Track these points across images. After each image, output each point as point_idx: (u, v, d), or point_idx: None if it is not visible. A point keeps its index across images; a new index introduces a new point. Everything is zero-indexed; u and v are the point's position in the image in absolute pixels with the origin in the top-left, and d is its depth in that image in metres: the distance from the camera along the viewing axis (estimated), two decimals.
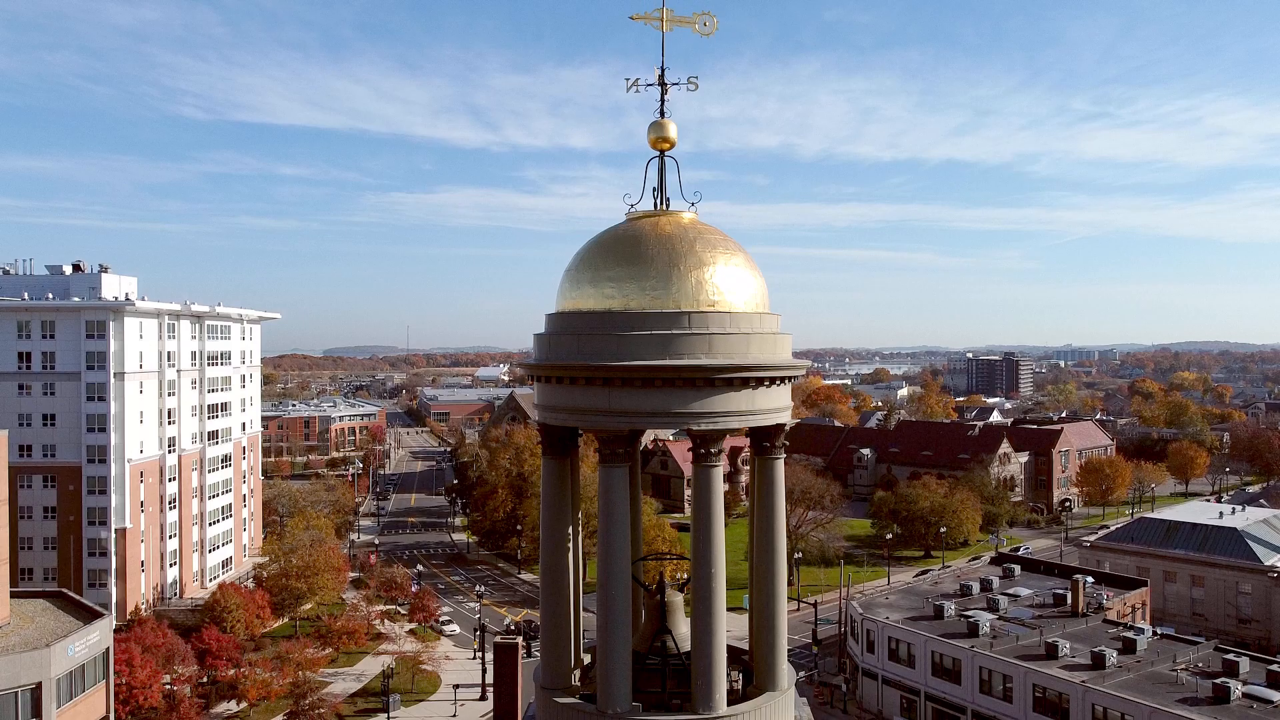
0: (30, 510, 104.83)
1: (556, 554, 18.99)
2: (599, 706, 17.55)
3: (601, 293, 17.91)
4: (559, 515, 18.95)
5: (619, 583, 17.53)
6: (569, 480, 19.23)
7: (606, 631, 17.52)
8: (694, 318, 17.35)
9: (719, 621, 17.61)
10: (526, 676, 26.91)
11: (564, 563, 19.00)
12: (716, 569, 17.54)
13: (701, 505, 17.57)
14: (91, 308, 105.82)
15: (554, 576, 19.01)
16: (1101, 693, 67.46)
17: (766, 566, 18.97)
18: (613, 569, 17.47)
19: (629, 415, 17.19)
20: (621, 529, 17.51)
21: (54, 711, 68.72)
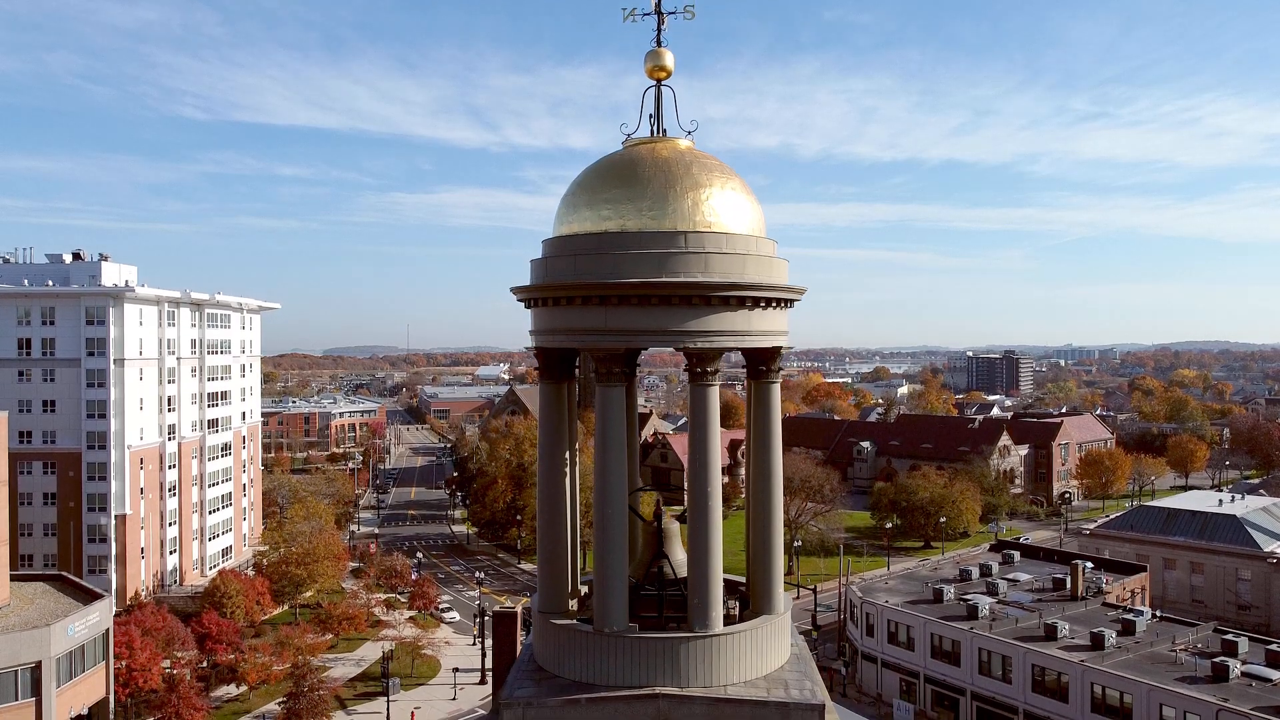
0: (30, 497, 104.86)
1: (554, 481, 19.05)
2: (595, 626, 17.62)
3: (598, 215, 17.96)
4: (556, 441, 19.01)
5: (616, 502, 17.60)
6: (566, 406, 19.29)
7: (603, 551, 17.60)
8: (690, 237, 17.41)
9: (715, 541, 17.68)
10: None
11: (561, 489, 19.05)
12: (713, 488, 17.61)
13: (698, 425, 17.63)
14: (91, 294, 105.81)
15: (551, 504, 19.07)
16: (1100, 671, 67.46)
17: (763, 494, 19.04)
18: (609, 488, 17.53)
19: (626, 334, 17.26)
20: (618, 447, 17.57)
21: (54, 691, 68.80)
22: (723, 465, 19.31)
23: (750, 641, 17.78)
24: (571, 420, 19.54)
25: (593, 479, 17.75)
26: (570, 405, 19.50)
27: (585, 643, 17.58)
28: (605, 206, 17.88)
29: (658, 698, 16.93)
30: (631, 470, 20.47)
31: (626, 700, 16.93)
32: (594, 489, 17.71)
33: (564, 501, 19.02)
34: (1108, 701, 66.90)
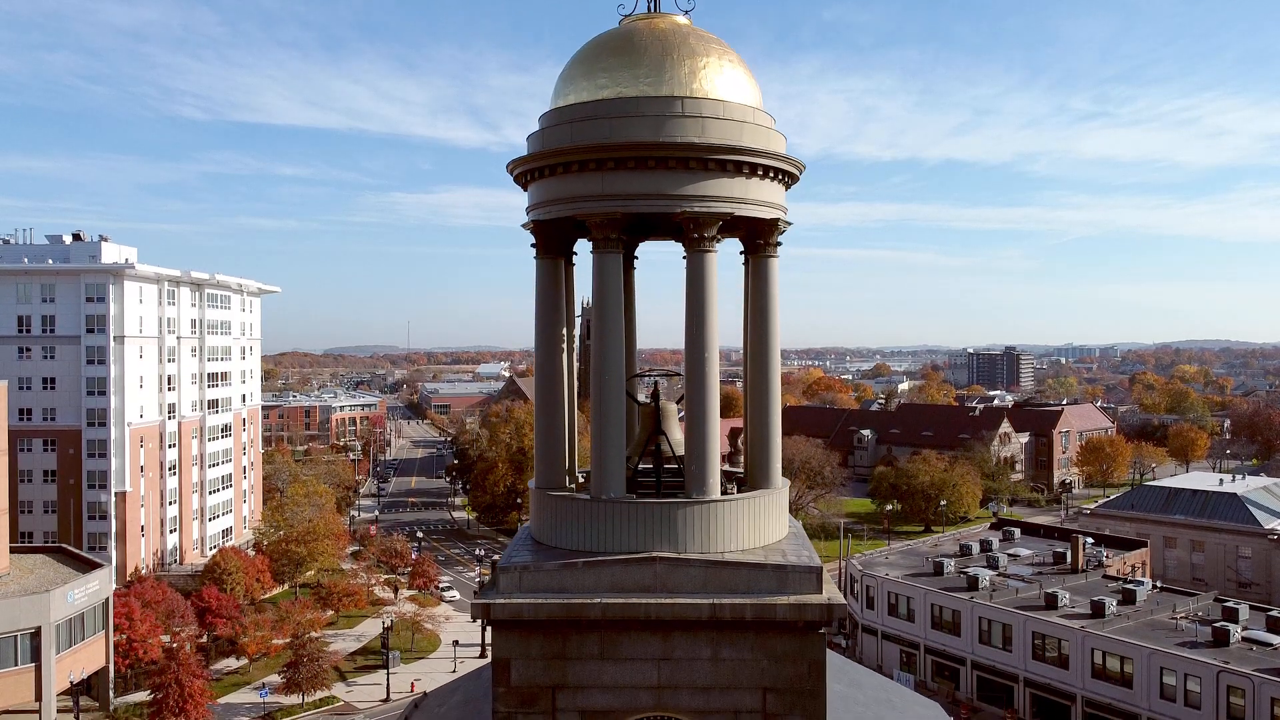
0: (30, 474, 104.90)
1: (551, 359, 18.97)
2: (593, 494, 17.56)
3: (595, 84, 17.89)
4: (554, 319, 18.93)
5: (613, 369, 17.54)
6: (563, 284, 19.22)
7: (600, 419, 17.54)
8: (687, 103, 17.35)
9: (712, 410, 17.63)
10: None
11: (558, 366, 18.98)
12: (709, 355, 17.55)
13: (695, 291, 17.56)
14: (91, 270, 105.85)
15: (548, 383, 18.99)
16: (1101, 637, 67.47)
17: (760, 371, 18.97)
18: (607, 356, 17.47)
19: (623, 198, 17.18)
20: (615, 315, 17.51)
21: (53, 657, 68.95)
22: (722, 453, 19.17)
23: (748, 511, 17.73)
24: (569, 299, 19.49)
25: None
26: (568, 284, 19.46)
27: (582, 510, 17.53)
28: (602, 75, 17.81)
29: (655, 561, 16.87)
30: (630, 355, 20.46)
31: (624, 563, 16.87)
32: (591, 356, 17.66)
33: (561, 378, 18.95)
34: (1108, 667, 66.91)
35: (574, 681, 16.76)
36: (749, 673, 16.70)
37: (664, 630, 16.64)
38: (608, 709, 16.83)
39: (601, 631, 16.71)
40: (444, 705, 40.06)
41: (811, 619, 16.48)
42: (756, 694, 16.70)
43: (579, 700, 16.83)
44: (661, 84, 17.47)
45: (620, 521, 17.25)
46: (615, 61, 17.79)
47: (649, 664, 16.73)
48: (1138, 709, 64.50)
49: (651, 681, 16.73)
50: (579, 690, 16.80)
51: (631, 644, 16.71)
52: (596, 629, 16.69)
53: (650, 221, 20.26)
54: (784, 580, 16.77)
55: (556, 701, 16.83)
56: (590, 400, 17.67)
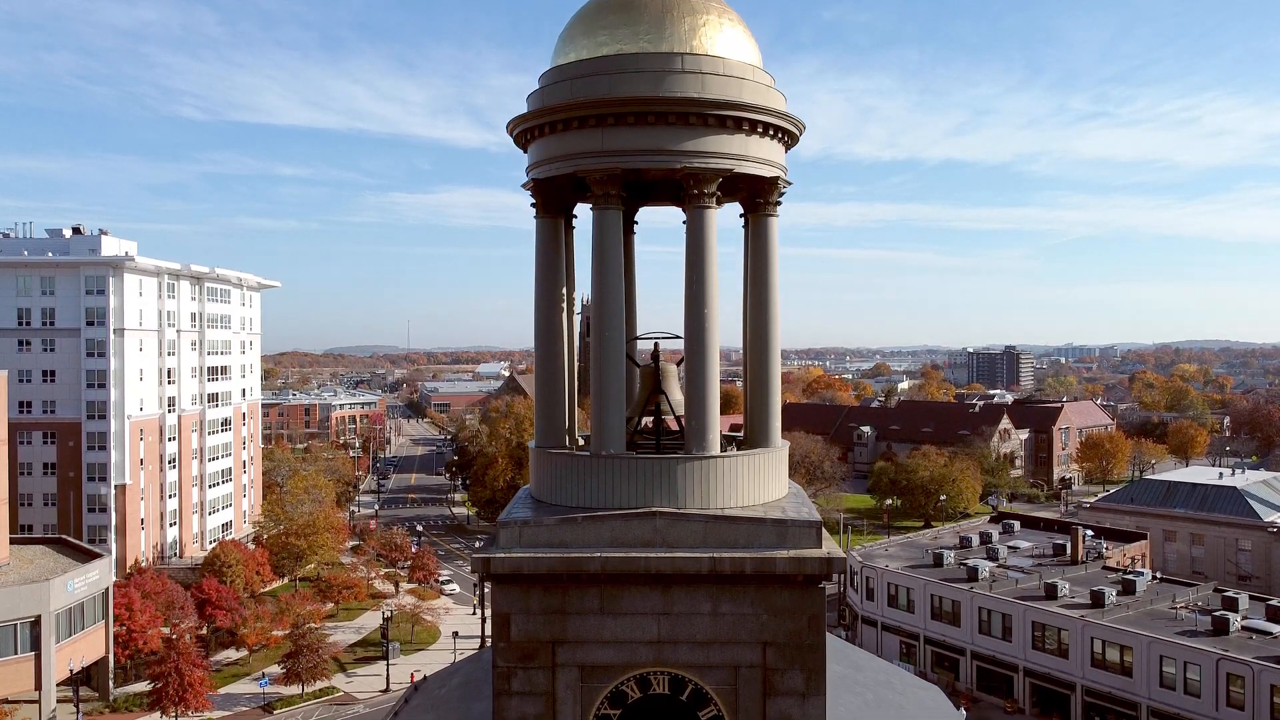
0: (30, 466, 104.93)
1: (550, 318, 18.99)
2: (593, 450, 17.59)
3: (595, 41, 17.90)
4: (553, 279, 18.94)
5: (613, 326, 17.56)
6: (563, 244, 19.24)
7: (601, 376, 17.56)
8: (687, 59, 17.36)
9: (712, 366, 17.65)
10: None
11: (558, 325, 19.01)
12: (710, 311, 17.58)
13: (694, 248, 17.58)
14: (91, 263, 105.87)
15: (548, 342, 19.01)
16: (1101, 626, 67.49)
17: (760, 332, 18.99)
18: (607, 313, 17.49)
19: (622, 154, 17.19)
20: (615, 271, 17.53)
21: (53, 646, 68.95)
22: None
23: (747, 468, 17.76)
24: (569, 258, 19.51)
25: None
26: (568, 244, 19.49)
27: (582, 467, 17.55)
28: (602, 33, 17.83)
29: (655, 515, 16.88)
30: (630, 321, 20.49)
31: (624, 518, 16.87)
32: (591, 314, 17.68)
33: (560, 338, 18.98)
34: (1108, 656, 66.93)
35: (574, 636, 16.75)
36: (749, 627, 16.70)
37: (664, 584, 16.64)
38: (608, 664, 16.83)
39: (601, 586, 16.71)
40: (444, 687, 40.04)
41: (811, 572, 16.48)
42: (756, 648, 16.70)
43: (579, 655, 16.82)
44: (661, 41, 17.50)
45: (620, 477, 17.27)
46: (616, 19, 17.80)
47: (649, 618, 16.72)
48: (1137, 697, 64.54)
49: (651, 636, 16.72)
50: (579, 645, 16.79)
51: (631, 598, 16.71)
52: (596, 583, 16.69)
53: (650, 185, 20.34)
54: (784, 535, 16.78)
55: (556, 656, 16.82)
56: (590, 357, 17.69)
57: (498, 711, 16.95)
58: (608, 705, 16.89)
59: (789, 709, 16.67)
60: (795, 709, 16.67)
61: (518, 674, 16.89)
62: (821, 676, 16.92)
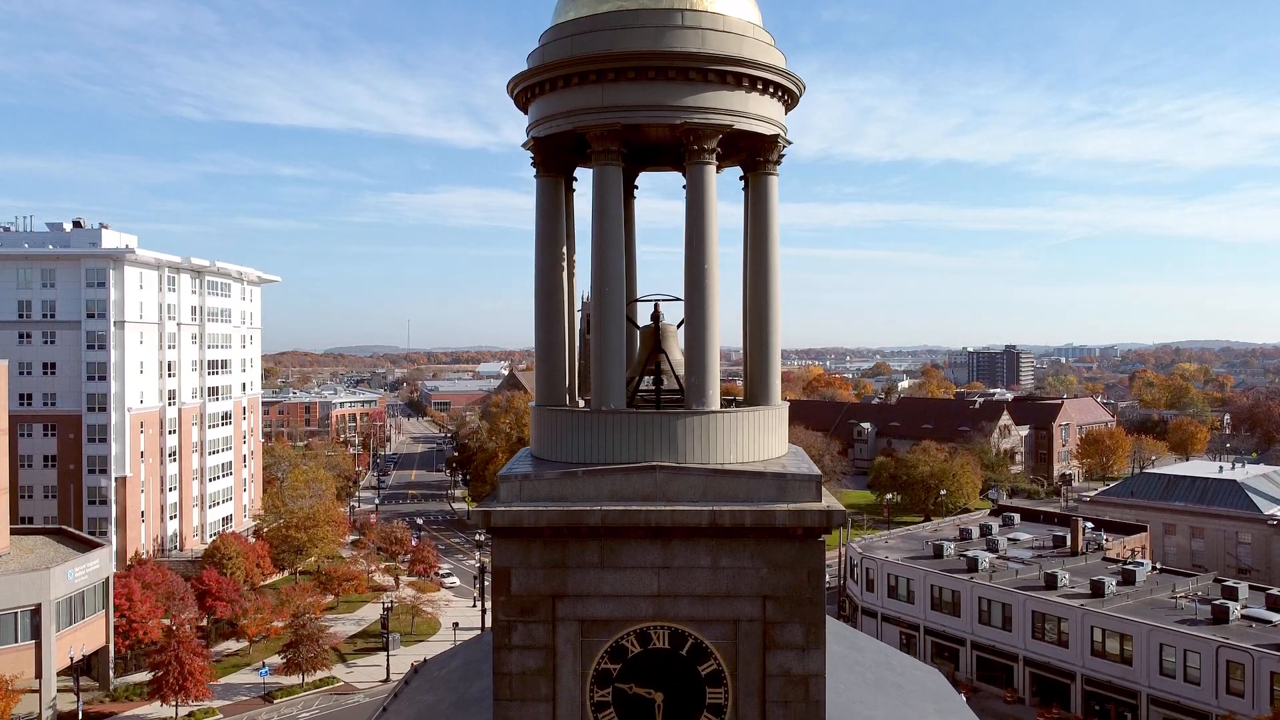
0: (30, 459, 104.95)
1: (551, 277, 19.01)
2: (593, 406, 17.63)
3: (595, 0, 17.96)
4: (554, 238, 18.98)
5: (613, 284, 17.59)
6: (564, 203, 19.29)
7: (601, 333, 17.61)
8: (687, 14, 17.39)
9: (712, 322, 17.68)
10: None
11: (558, 283, 19.03)
12: (710, 266, 17.61)
13: (694, 205, 17.61)
14: (91, 255, 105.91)
15: (549, 301, 19.04)
16: (1101, 615, 67.53)
17: (760, 291, 19.03)
18: (607, 270, 17.52)
19: (622, 110, 17.22)
20: (615, 228, 17.57)
21: (53, 634, 68.97)
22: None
23: (747, 425, 17.79)
24: (569, 218, 19.56)
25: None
26: (568, 203, 19.55)
27: (582, 422, 17.59)
28: None
29: (655, 469, 16.92)
30: (630, 281, 20.53)
31: (624, 472, 16.91)
32: (591, 270, 17.71)
33: (561, 296, 19.02)
34: (1108, 645, 66.95)
35: (574, 590, 16.77)
36: (748, 581, 16.71)
37: (663, 538, 16.66)
38: (608, 618, 16.84)
39: (601, 539, 16.74)
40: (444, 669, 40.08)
41: (811, 525, 16.51)
42: (756, 602, 16.71)
43: (579, 609, 16.84)
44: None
45: (620, 432, 17.31)
46: None
47: (648, 572, 16.74)
48: (1137, 686, 64.58)
49: (651, 590, 16.73)
50: (579, 599, 16.81)
51: (631, 552, 16.73)
52: (596, 537, 16.72)
53: (650, 148, 20.36)
54: (783, 489, 16.80)
55: (557, 610, 16.84)
56: (590, 314, 17.73)
57: (498, 665, 16.98)
58: (608, 660, 16.91)
59: (788, 662, 16.70)
60: (795, 662, 16.69)
61: (518, 628, 16.91)
62: (821, 630, 16.96)
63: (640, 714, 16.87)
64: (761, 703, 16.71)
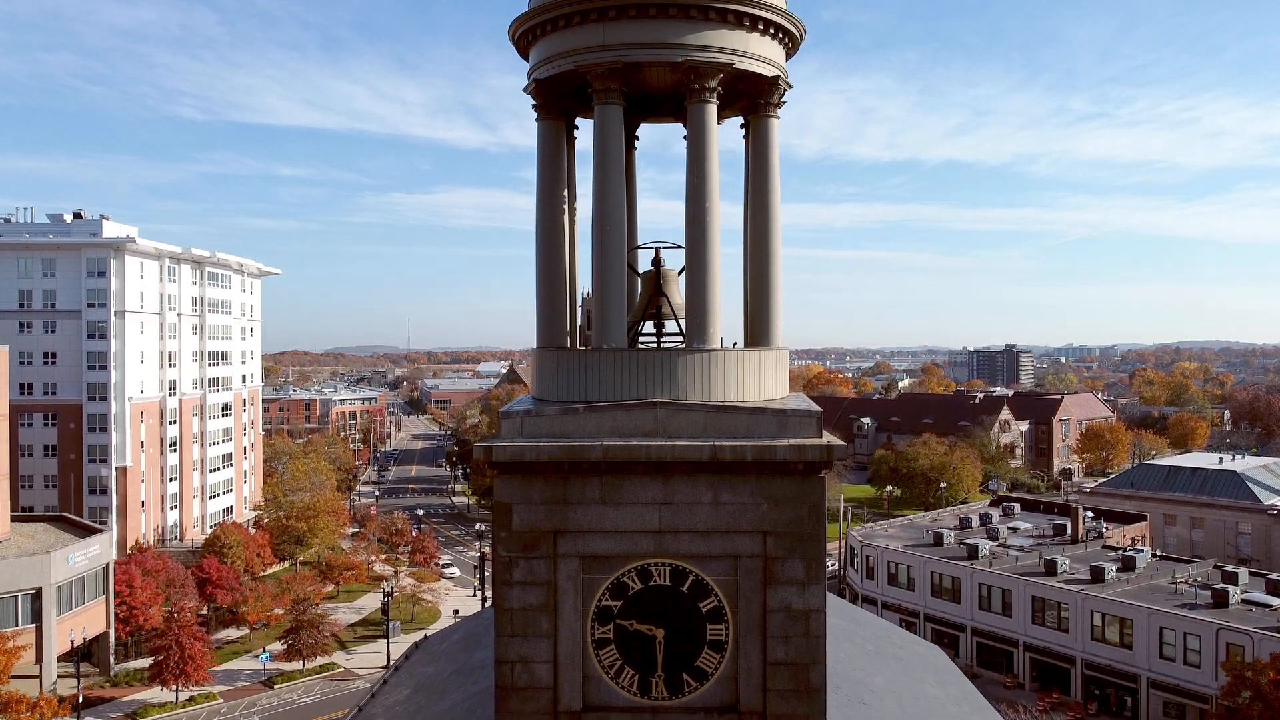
0: (31, 448, 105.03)
1: (552, 222, 19.05)
2: (594, 344, 17.68)
3: None
4: (555, 179, 19.02)
5: (614, 222, 17.63)
6: (565, 146, 19.34)
7: (602, 270, 17.66)
8: None
9: (713, 263, 17.72)
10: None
11: (559, 225, 19.07)
12: (711, 205, 17.65)
13: (695, 145, 17.65)
14: (92, 245, 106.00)
15: (549, 247, 19.07)
16: (1101, 599, 67.57)
17: (761, 232, 19.06)
18: (608, 206, 17.56)
19: (623, 48, 17.26)
20: (616, 169, 17.61)
21: (54, 618, 69.02)
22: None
23: (748, 364, 17.83)
24: (570, 161, 19.61)
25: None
26: (570, 147, 19.60)
27: (583, 361, 17.63)
28: None
29: (655, 406, 16.95)
30: (630, 231, 20.58)
31: (625, 408, 16.94)
32: (593, 209, 17.76)
33: (562, 237, 19.04)
34: (1108, 629, 66.99)
35: (575, 526, 16.80)
36: (749, 517, 16.74)
37: (664, 473, 16.69)
38: (609, 554, 16.87)
39: (602, 475, 16.77)
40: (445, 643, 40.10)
41: (811, 459, 16.54)
42: (757, 538, 16.74)
43: (580, 545, 16.87)
44: None
45: (622, 370, 17.34)
46: None
47: (649, 508, 16.77)
48: (1137, 669, 64.62)
49: (652, 526, 16.75)
50: (580, 535, 16.83)
51: (632, 488, 16.76)
52: (597, 472, 16.75)
53: (651, 99, 20.39)
54: (784, 424, 16.85)
55: (558, 546, 16.86)
56: (591, 253, 17.77)
57: (499, 601, 17.02)
58: (609, 596, 16.94)
59: (789, 598, 16.72)
60: (795, 597, 16.72)
61: (519, 564, 16.94)
62: (821, 565, 17.00)
63: (641, 650, 16.90)
64: (762, 638, 16.73)
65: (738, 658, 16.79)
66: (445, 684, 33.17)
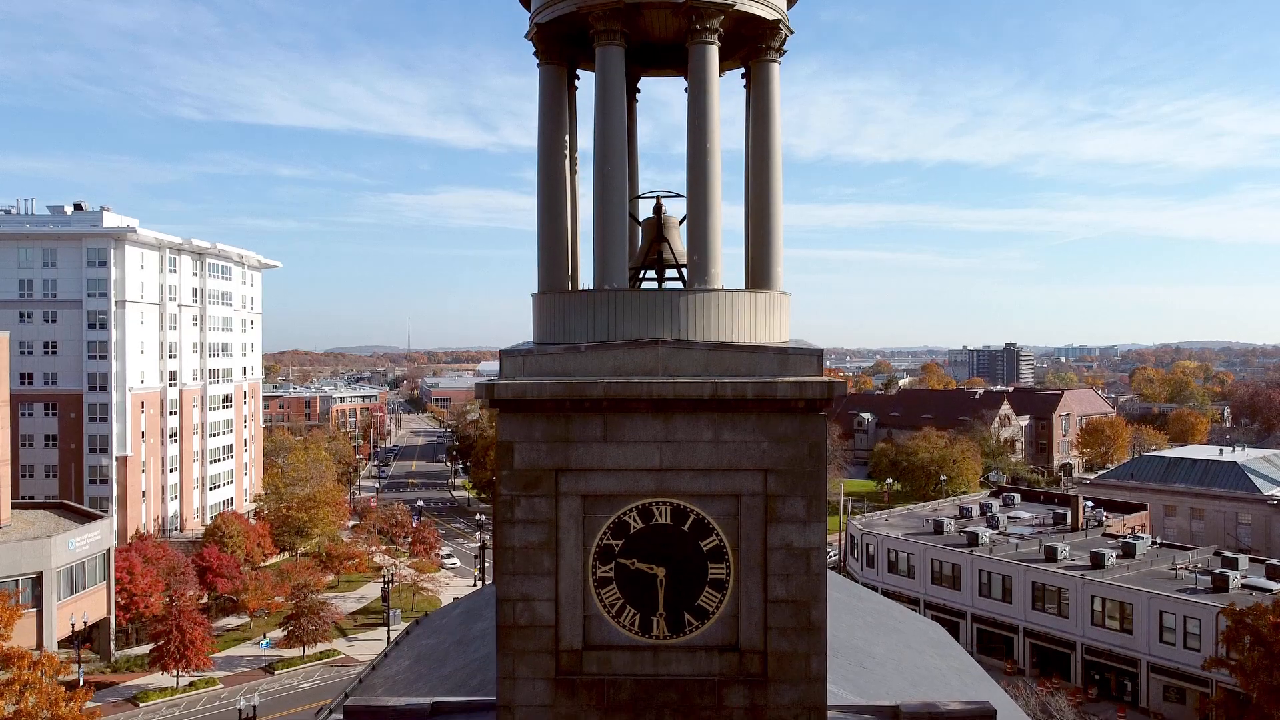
0: (31, 438, 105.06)
1: (553, 165, 19.07)
2: (596, 285, 17.72)
3: None
4: (556, 122, 19.04)
5: (615, 164, 17.67)
6: (566, 92, 19.39)
7: (604, 210, 17.72)
8: None
9: (715, 203, 17.77)
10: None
11: (560, 169, 19.11)
12: (713, 145, 17.69)
13: (696, 85, 17.69)
14: (93, 234, 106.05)
15: (551, 190, 19.10)
16: (1100, 584, 67.61)
17: (762, 173, 19.08)
18: (609, 147, 17.60)
19: None
20: (618, 110, 17.65)
21: (55, 602, 69.05)
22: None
23: (750, 305, 17.87)
24: (572, 110, 19.65)
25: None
26: (571, 93, 19.64)
27: (585, 301, 17.69)
28: None
29: (657, 344, 16.99)
30: (631, 181, 20.61)
31: (626, 347, 16.97)
32: (594, 147, 17.80)
33: (563, 180, 19.08)
34: (1108, 613, 67.00)
35: (576, 464, 16.80)
36: (750, 455, 16.75)
37: (666, 411, 16.70)
38: (610, 493, 16.89)
39: (604, 413, 16.78)
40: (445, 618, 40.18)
41: (813, 397, 16.57)
42: (758, 476, 16.75)
43: (581, 484, 16.89)
44: None
45: (623, 310, 17.39)
46: None
47: (651, 446, 16.78)
48: (1137, 653, 64.65)
49: (653, 464, 16.76)
50: (581, 474, 16.84)
51: (634, 426, 16.77)
52: (599, 410, 16.76)
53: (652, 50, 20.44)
54: (785, 363, 16.86)
55: (559, 485, 16.88)
56: (594, 186, 17.82)
57: (500, 540, 17.04)
58: (610, 535, 16.95)
59: (790, 535, 16.73)
60: (796, 535, 16.72)
61: (521, 502, 16.95)
62: (822, 503, 17.02)
63: (643, 589, 16.91)
64: (763, 576, 16.73)
65: (739, 596, 16.79)
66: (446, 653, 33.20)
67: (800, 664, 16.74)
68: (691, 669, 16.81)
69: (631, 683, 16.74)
